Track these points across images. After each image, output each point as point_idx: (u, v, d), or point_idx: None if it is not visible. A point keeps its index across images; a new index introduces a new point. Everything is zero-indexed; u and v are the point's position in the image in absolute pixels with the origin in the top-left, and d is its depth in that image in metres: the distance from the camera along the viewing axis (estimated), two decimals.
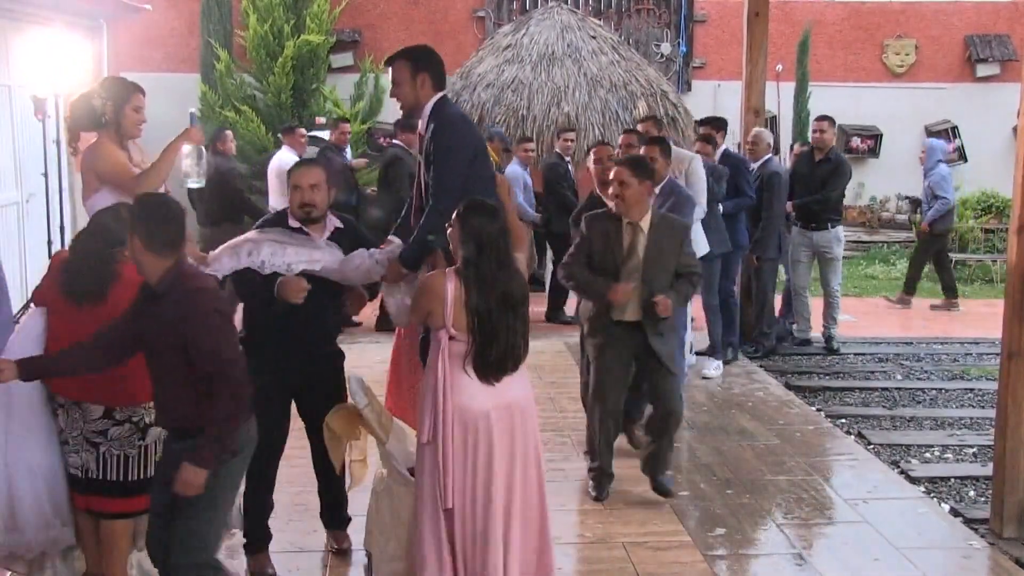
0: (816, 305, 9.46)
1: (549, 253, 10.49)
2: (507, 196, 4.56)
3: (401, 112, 4.69)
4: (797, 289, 9.26)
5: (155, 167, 4.47)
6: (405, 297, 4.38)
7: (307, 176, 4.38)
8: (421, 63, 4.48)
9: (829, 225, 8.91)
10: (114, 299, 3.91)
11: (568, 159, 10.15)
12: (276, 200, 9.22)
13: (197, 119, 4.61)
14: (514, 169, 10.03)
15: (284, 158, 9.56)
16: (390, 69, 4.52)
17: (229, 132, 10.36)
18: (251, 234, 4.42)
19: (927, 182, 11.28)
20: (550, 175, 10.01)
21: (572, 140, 10.36)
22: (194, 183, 4.72)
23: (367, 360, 7.89)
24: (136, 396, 3.96)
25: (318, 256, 4.34)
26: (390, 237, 4.55)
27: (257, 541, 4.61)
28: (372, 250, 4.43)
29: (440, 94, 4.51)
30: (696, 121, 9.30)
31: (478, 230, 3.74)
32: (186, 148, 4.63)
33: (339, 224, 4.51)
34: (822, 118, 9.15)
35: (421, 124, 4.53)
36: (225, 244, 4.43)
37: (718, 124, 8.57)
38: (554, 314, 10.09)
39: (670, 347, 5.39)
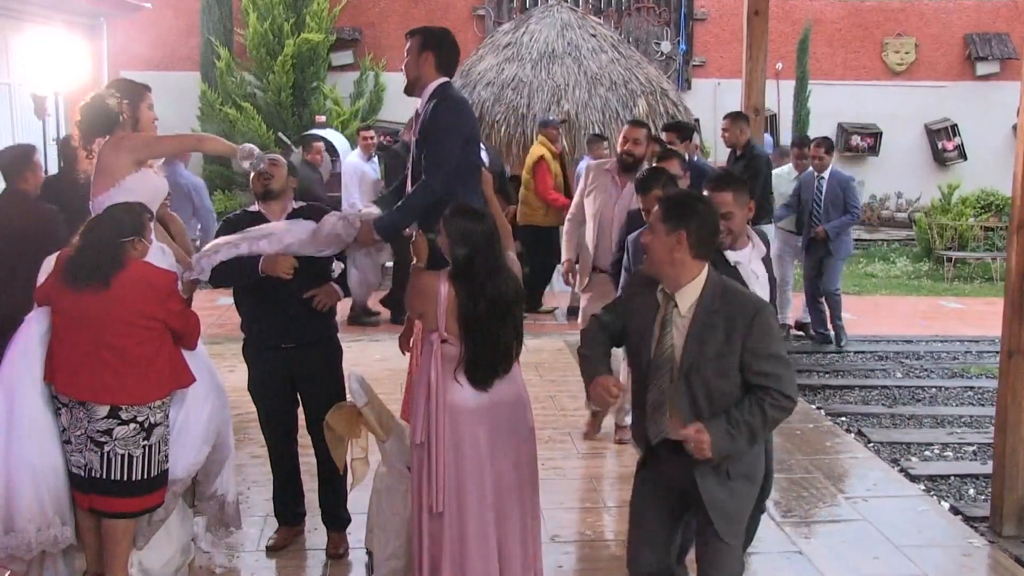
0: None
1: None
2: (491, 191, 4.56)
3: (404, 87, 4.71)
4: None
5: (218, 140, 4.67)
6: (367, 272, 4.44)
7: (270, 160, 4.66)
8: (430, 42, 4.55)
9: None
10: (117, 287, 3.92)
11: None
12: (354, 200, 9.55)
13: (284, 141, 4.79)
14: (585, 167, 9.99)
15: (355, 161, 9.90)
16: (407, 42, 4.60)
17: (320, 143, 10.41)
18: (228, 237, 4.51)
19: None
20: None
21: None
22: (240, 168, 4.76)
23: (367, 358, 7.90)
24: (143, 396, 3.97)
25: (289, 239, 4.44)
26: (365, 209, 4.60)
27: (281, 516, 4.90)
28: (345, 212, 4.52)
29: (444, 79, 4.56)
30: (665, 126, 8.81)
31: (465, 233, 3.71)
32: (245, 149, 4.61)
33: (296, 206, 4.67)
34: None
35: (420, 103, 4.58)
36: (203, 250, 4.55)
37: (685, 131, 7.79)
38: (530, 304, 9.99)
39: (732, 501, 3.48)
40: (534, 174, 10.07)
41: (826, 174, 9.21)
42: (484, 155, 9.78)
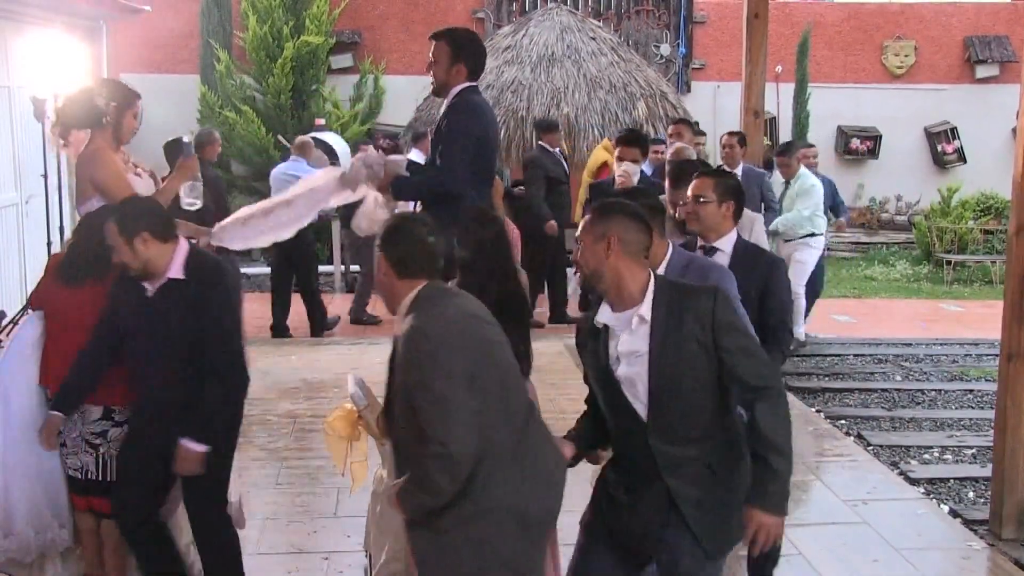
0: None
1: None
2: (500, 199, 4.59)
3: (432, 89, 4.83)
4: None
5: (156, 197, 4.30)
6: (377, 210, 4.50)
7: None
8: (462, 52, 4.61)
9: None
10: (111, 283, 3.92)
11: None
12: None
13: (192, 148, 4.61)
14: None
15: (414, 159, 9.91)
16: (433, 43, 4.68)
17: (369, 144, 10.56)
18: (256, 205, 4.52)
19: None
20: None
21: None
22: (190, 206, 4.67)
23: (367, 360, 7.89)
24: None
25: (321, 197, 4.44)
26: (393, 157, 4.65)
27: None
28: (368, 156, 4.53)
29: (469, 83, 4.63)
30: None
31: (472, 237, 3.71)
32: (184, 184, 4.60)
33: (177, 276, 3.79)
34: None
35: (444, 104, 4.66)
36: (231, 218, 4.52)
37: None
38: (557, 315, 10.05)
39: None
40: (596, 177, 10.00)
41: (738, 170, 8.33)
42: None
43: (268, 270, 10.46)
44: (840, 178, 12.96)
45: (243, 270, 9.71)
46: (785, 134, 15.20)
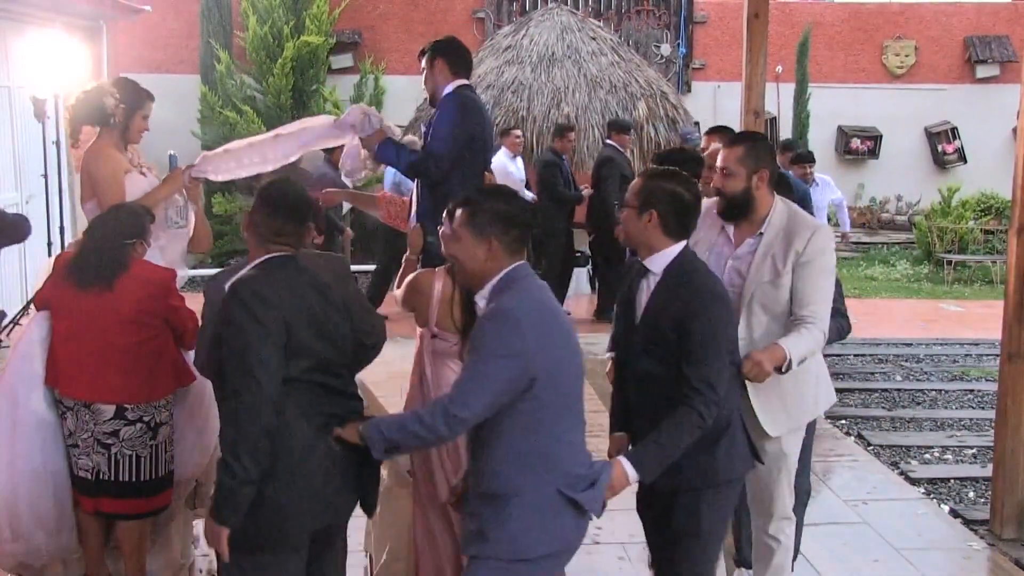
0: None
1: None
2: None
3: (429, 101, 4.95)
4: None
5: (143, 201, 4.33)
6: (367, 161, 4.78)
7: None
8: (438, 50, 4.75)
9: None
10: (120, 290, 3.92)
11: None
12: None
13: (177, 161, 4.66)
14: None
15: (502, 161, 9.85)
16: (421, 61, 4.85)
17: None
18: (241, 141, 4.63)
19: None
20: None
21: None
22: (176, 227, 4.64)
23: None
24: (149, 394, 3.96)
25: (310, 137, 4.55)
26: (409, 138, 4.81)
27: None
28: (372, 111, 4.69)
29: (462, 81, 4.72)
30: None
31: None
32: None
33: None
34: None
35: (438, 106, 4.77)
36: (220, 148, 4.59)
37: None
38: (603, 313, 9.94)
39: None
40: None
41: None
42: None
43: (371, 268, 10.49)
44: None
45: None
46: (786, 134, 15.19)
